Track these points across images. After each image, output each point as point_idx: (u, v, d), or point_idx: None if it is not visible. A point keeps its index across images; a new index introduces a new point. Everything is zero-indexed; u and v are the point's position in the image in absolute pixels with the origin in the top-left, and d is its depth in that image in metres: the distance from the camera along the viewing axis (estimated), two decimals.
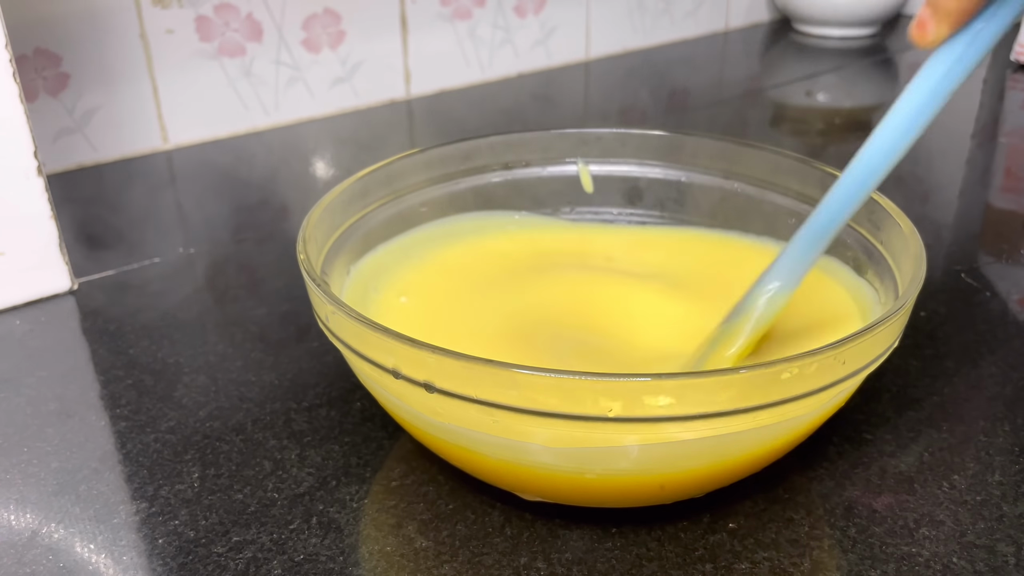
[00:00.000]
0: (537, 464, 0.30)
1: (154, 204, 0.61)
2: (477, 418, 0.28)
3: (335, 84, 0.74)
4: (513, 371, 0.26)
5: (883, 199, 0.37)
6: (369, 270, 0.41)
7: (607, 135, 0.45)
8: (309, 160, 0.68)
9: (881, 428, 0.37)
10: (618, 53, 0.90)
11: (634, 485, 0.30)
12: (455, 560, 0.31)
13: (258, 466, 0.36)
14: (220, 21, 0.67)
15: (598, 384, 0.26)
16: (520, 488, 0.32)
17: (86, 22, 0.62)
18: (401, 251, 0.43)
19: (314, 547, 0.32)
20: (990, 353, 0.42)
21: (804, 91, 0.84)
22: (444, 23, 0.77)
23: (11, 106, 0.44)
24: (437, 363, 0.27)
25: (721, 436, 0.28)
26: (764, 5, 1.05)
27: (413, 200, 0.43)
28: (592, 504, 0.33)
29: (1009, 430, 0.37)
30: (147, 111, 0.66)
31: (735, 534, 0.32)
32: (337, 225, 0.39)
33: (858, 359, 0.29)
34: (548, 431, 0.28)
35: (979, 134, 0.72)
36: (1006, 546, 0.31)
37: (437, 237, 0.44)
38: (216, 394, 0.40)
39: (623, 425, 0.27)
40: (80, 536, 0.32)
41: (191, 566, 0.31)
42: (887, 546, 0.31)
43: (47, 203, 0.46)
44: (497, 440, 0.29)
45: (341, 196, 0.39)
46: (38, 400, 0.40)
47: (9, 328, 0.45)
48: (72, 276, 0.48)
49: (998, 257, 0.51)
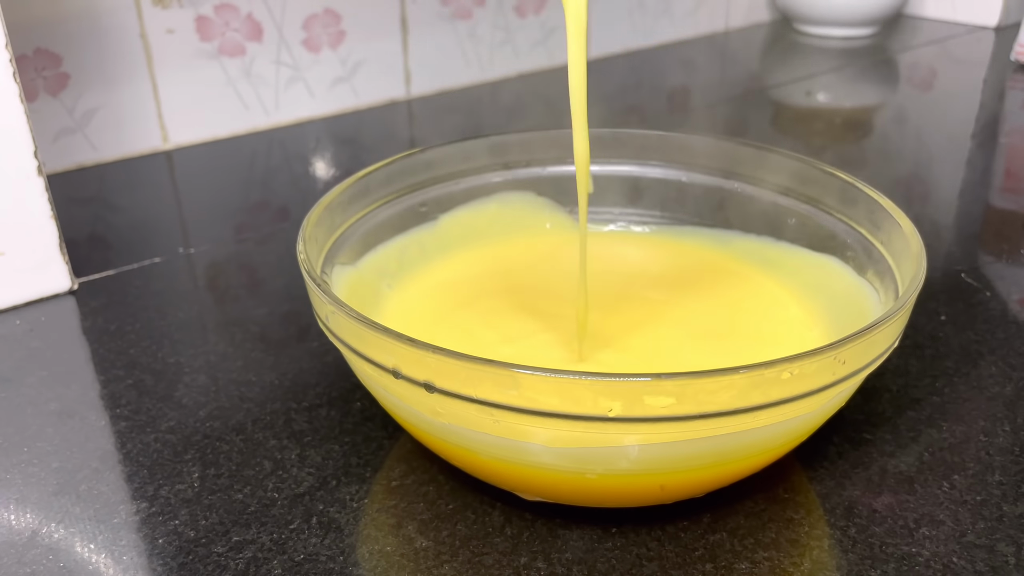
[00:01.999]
0: (537, 464, 0.30)
1: (154, 204, 0.61)
2: (477, 418, 0.28)
3: (335, 84, 0.74)
4: (513, 371, 0.26)
5: (883, 199, 0.37)
6: (369, 270, 0.41)
7: (607, 135, 0.45)
8: (309, 160, 0.68)
9: (881, 428, 0.37)
10: (618, 53, 0.90)
11: (634, 485, 0.30)
12: (455, 560, 0.31)
13: (258, 466, 0.36)
14: (220, 21, 0.67)
15: (598, 384, 0.26)
16: (520, 488, 0.32)
17: (86, 22, 0.62)
18: (401, 251, 0.43)
19: (314, 547, 0.32)
20: (990, 353, 0.42)
21: (804, 91, 0.84)
22: (444, 23, 0.77)
23: (11, 106, 0.44)
24: (437, 363, 0.27)
25: (721, 436, 0.28)
26: (764, 5, 1.05)
27: (413, 200, 0.43)
28: (592, 504, 0.33)
29: (1009, 430, 0.37)
30: (147, 111, 0.66)
31: (735, 534, 0.32)
32: (337, 225, 0.39)
33: (858, 359, 0.29)
34: (549, 431, 0.28)
35: (979, 134, 0.72)
36: (1006, 546, 0.31)
37: (439, 236, 0.44)
38: (216, 394, 0.40)
39: (623, 425, 0.27)
40: (80, 536, 0.32)
41: (191, 566, 0.31)
42: (887, 546, 0.31)
43: (47, 203, 0.46)
44: (497, 440, 0.29)
45: (341, 196, 0.39)
46: (38, 400, 0.40)
47: (9, 328, 0.45)
48: (72, 276, 0.48)
49: (998, 257, 0.51)
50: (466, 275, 0.43)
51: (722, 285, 0.42)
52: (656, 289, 0.42)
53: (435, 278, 0.42)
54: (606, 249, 0.45)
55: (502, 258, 0.44)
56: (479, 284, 0.42)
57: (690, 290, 0.41)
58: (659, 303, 0.40)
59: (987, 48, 0.95)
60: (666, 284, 0.42)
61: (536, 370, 0.26)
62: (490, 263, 0.44)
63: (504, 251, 0.45)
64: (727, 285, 0.42)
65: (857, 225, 0.39)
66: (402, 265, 0.42)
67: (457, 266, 0.43)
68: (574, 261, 0.44)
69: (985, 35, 0.99)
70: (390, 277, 0.42)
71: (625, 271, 0.44)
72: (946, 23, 1.04)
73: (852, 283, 0.38)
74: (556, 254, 0.45)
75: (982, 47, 0.95)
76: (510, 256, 0.44)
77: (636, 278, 0.43)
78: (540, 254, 0.45)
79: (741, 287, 0.42)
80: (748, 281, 0.42)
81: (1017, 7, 1.02)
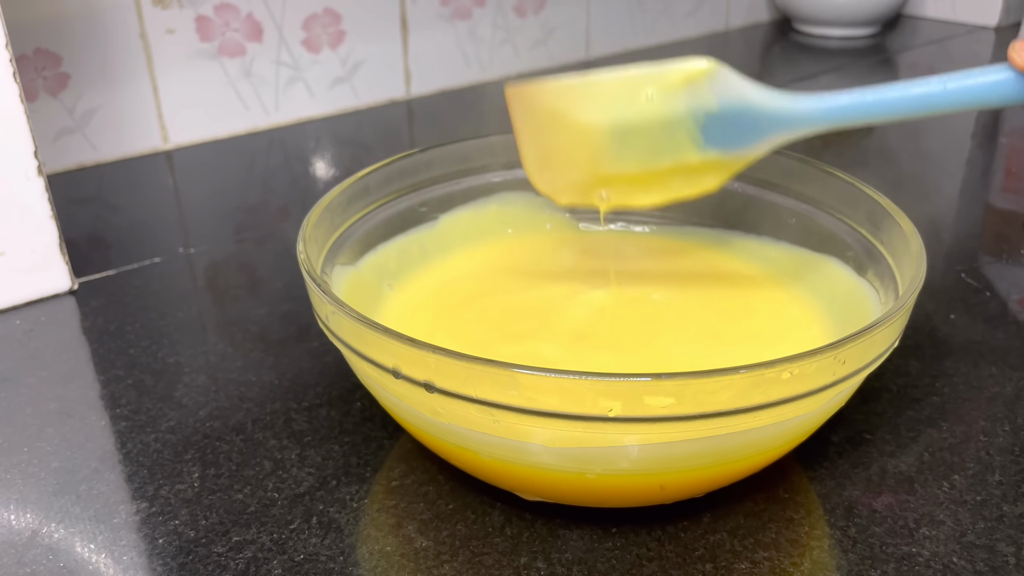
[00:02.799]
0: (537, 464, 0.30)
1: (154, 204, 0.61)
2: (477, 418, 0.28)
3: (335, 84, 0.74)
4: (513, 371, 0.26)
5: (883, 199, 0.37)
6: (369, 270, 0.41)
7: None
8: (309, 160, 0.68)
9: (881, 428, 0.37)
10: (618, 53, 0.90)
11: (634, 485, 0.30)
12: (455, 560, 0.31)
13: (258, 466, 0.36)
14: (220, 21, 0.67)
15: (598, 384, 0.26)
16: (520, 488, 0.32)
17: (86, 22, 0.62)
18: (401, 251, 0.43)
19: (314, 547, 0.32)
20: (990, 353, 0.42)
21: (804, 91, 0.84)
22: (444, 23, 0.77)
23: (11, 106, 0.44)
24: (437, 363, 0.27)
25: (721, 436, 0.28)
26: (764, 5, 1.05)
27: (413, 200, 0.43)
28: (592, 504, 0.33)
29: (1009, 430, 0.37)
30: (147, 111, 0.66)
31: (735, 534, 0.32)
32: (337, 225, 0.39)
33: (858, 359, 0.29)
34: (548, 431, 0.28)
35: (979, 134, 0.72)
36: (1006, 546, 0.31)
37: (439, 236, 0.44)
38: (216, 394, 0.40)
39: (623, 425, 0.27)
40: (80, 536, 0.32)
41: (191, 566, 0.31)
42: (887, 546, 0.31)
43: (47, 203, 0.46)
44: (497, 440, 0.29)
45: (341, 196, 0.39)
46: (38, 400, 0.40)
47: (9, 328, 0.45)
48: (72, 276, 0.48)
49: (998, 257, 0.51)
50: (466, 275, 0.43)
51: (722, 285, 0.42)
52: (656, 289, 0.42)
53: (435, 278, 0.42)
54: (606, 248, 0.45)
55: (502, 258, 0.44)
56: (479, 284, 0.42)
57: (691, 290, 0.41)
58: (659, 303, 0.40)
59: (987, 48, 0.95)
60: (666, 284, 0.42)
61: (536, 370, 0.26)
62: (490, 263, 0.44)
63: (504, 251, 0.45)
64: (727, 285, 0.42)
65: (857, 225, 0.39)
66: (402, 265, 0.42)
67: (457, 266, 0.43)
68: (573, 260, 0.44)
69: (985, 35, 0.99)
70: (390, 277, 0.42)
71: (625, 271, 0.44)
72: (946, 23, 1.04)
73: (852, 283, 0.38)
74: (555, 254, 0.45)
75: (982, 47, 0.95)
76: (510, 256, 0.44)
77: (636, 278, 0.43)
78: (540, 254, 0.45)
79: (741, 287, 0.42)
80: (748, 281, 0.42)
81: (1017, 7, 1.02)
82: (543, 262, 0.44)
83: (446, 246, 0.44)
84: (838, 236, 0.40)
